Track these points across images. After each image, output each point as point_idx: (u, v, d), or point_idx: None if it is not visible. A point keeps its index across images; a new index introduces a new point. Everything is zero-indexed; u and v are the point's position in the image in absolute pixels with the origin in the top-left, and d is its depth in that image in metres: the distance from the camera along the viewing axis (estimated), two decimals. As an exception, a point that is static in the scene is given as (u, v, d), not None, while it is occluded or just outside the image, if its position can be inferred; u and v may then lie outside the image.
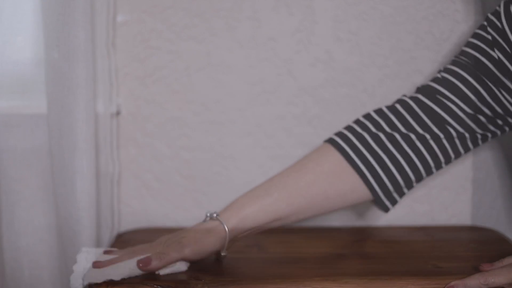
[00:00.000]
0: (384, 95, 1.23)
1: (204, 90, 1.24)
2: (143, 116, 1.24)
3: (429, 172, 1.07)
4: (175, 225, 1.27)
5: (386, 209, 1.08)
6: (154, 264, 0.96)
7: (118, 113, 1.23)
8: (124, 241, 1.17)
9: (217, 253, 1.03)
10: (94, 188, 1.14)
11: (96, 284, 0.96)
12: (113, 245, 1.15)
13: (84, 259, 1.00)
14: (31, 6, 1.17)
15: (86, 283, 0.95)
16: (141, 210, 1.27)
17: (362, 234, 1.19)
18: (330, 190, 1.05)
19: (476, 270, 0.97)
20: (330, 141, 1.08)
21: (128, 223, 1.27)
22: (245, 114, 1.24)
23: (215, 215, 1.02)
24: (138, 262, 0.96)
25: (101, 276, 0.94)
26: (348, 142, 1.06)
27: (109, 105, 1.19)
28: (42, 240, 1.21)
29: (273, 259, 1.07)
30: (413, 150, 1.05)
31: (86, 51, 1.10)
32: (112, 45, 1.19)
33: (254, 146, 1.25)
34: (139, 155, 1.25)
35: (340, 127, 1.23)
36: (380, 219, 1.26)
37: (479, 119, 1.04)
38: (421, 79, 1.22)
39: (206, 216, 1.03)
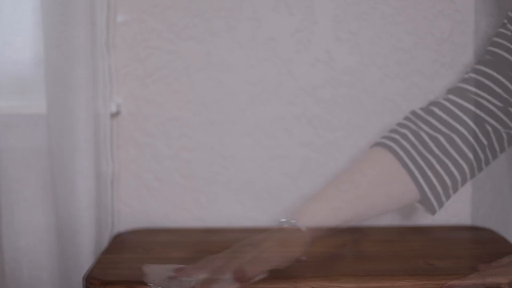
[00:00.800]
0: (384, 95, 1.23)
1: (204, 90, 1.24)
2: (143, 116, 1.24)
3: (472, 174, 1.08)
4: (175, 225, 1.27)
5: (433, 211, 1.08)
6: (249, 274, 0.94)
7: (118, 113, 1.23)
8: (122, 241, 1.17)
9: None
10: (94, 188, 1.15)
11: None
12: (111, 245, 1.15)
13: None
14: (31, 6, 1.17)
15: None
16: (141, 210, 1.27)
17: (360, 234, 1.19)
18: (388, 191, 1.07)
19: (474, 269, 0.97)
20: (379, 144, 1.09)
21: (128, 223, 1.27)
22: (245, 114, 1.24)
23: (293, 221, 1.03)
24: (234, 273, 0.93)
25: None
26: (397, 144, 1.07)
27: (108, 105, 1.19)
28: (41, 240, 1.21)
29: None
30: (456, 151, 1.06)
31: (87, 51, 1.11)
32: (111, 45, 1.19)
33: (254, 146, 1.25)
34: (139, 155, 1.25)
35: (340, 127, 1.23)
36: (380, 219, 1.26)
37: (510, 111, 1.06)
38: (421, 79, 1.22)
39: (282, 222, 1.03)
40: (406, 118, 1.11)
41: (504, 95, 1.06)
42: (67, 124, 1.11)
